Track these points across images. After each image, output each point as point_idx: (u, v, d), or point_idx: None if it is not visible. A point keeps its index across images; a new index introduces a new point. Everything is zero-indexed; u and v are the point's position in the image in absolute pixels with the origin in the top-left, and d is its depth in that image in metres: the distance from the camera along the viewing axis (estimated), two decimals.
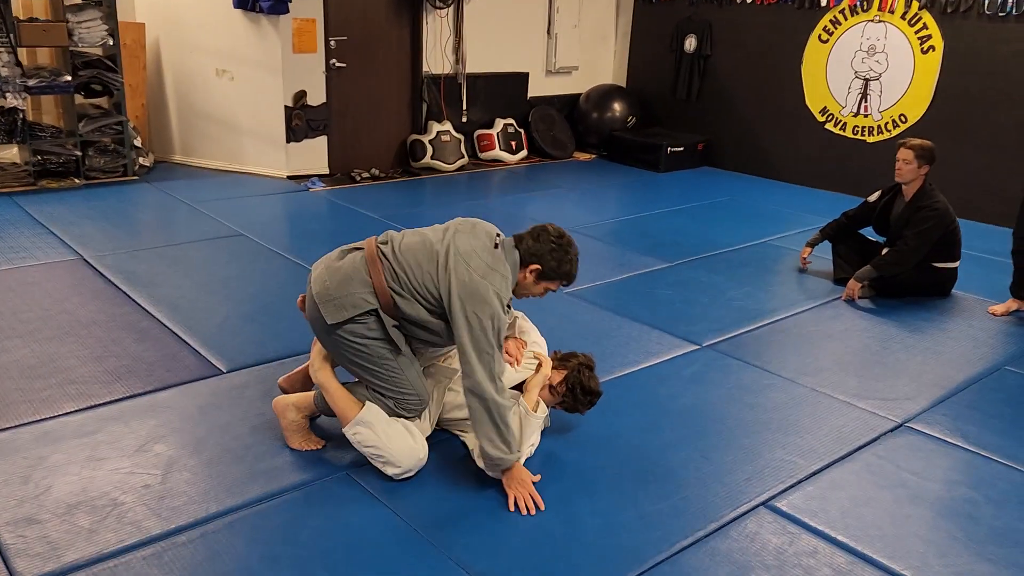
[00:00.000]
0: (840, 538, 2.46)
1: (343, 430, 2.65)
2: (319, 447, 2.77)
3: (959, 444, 3.05)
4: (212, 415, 2.97)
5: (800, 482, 2.75)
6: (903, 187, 4.51)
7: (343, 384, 2.73)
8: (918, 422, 3.20)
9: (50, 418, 2.89)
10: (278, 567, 2.22)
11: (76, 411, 2.94)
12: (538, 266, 2.67)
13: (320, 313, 2.61)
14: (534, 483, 2.59)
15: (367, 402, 2.65)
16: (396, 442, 2.60)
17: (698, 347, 3.80)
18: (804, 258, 4.94)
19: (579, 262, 2.77)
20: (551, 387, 2.84)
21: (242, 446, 2.78)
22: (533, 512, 2.50)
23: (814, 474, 2.80)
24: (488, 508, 2.52)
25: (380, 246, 2.67)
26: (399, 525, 2.42)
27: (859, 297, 4.51)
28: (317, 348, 2.79)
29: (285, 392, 2.99)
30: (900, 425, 3.17)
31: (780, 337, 3.97)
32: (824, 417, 3.20)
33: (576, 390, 2.83)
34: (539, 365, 2.86)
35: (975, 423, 3.21)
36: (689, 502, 2.60)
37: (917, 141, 4.43)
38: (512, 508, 2.51)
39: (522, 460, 2.65)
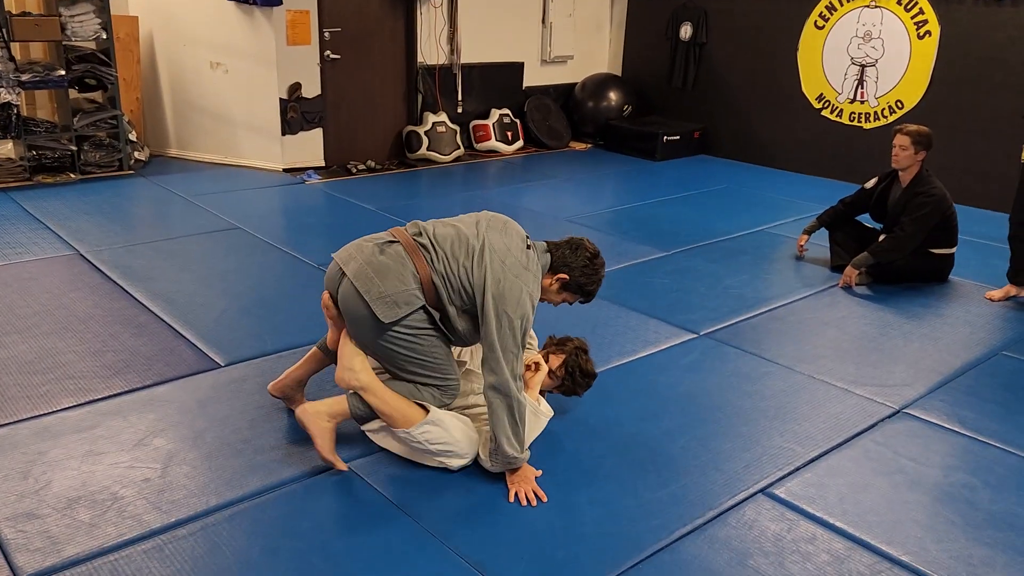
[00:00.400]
0: (838, 524, 2.47)
1: (401, 431, 2.57)
2: (345, 469, 2.62)
3: (957, 429, 3.06)
4: (211, 409, 2.97)
5: (798, 469, 2.76)
6: (900, 173, 4.51)
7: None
8: (916, 408, 3.21)
9: (49, 413, 2.89)
10: (278, 559, 2.23)
11: (75, 406, 2.95)
12: (566, 276, 2.70)
13: (370, 312, 2.51)
14: (535, 478, 2.60)
15: (431, 401, 2.62)
16: (461, 433, 2.61)
17: (696, 335, 3.81)
18: (801, 245, 4.94)
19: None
20: (551, 371, 2.88)
21: (241, 439, 2.78)
22: (535, 504, 2.51)
23: (812, 461, 2.81)
24: (487, 498, 2.53)
25: (416, 238, 2.62)
26: (398, 516, 2.42)
27: (856, 284, 4.52)
28: (350, 351, 2.63)
29: (277, 398, 2.96)
30: (898, 411, 3.18)
31: (777, 325, 3.98)
32: (822, 404, 3.21)
33: (575, 373, 2.89)
34: (536, 364, 2.86)
35: (973, 408, 3.22)
36: (688, 490, 2.61)
37: (914, 127, 4.42)
38: (512, 500, 2.52)
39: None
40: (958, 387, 3.40)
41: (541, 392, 2.89)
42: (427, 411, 2.58)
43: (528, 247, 2.67)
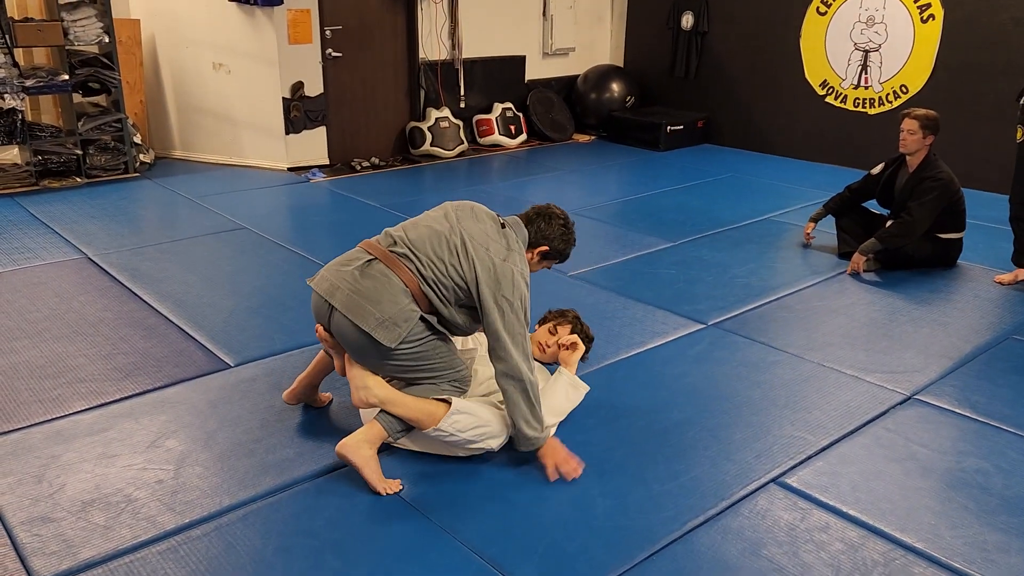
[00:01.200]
0: (851, 512, 2.47)
1: (432, 431, 2.56)
2: (400, 489, 2.55)
3: (968, 415, 3.05)
4: (222, 409, 2.98)
5: (810, 458, 2.76)
6: (907, 158, 4.49)
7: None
8: (926, 394, 3.20)
9: (61, 417, 2.91)
10: (292, 557, 2.24)
11: (87, 409, 2.96)
12: (546, 247, 2.78)
13: (372, 340, 2.48)
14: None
15: (451, 393, 2.64)
16: (488, 413, 2.63)
17: (703, 326, 3.80)
18: (808, 233, 4.93)
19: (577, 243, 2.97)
20: (560, 342, 3.00)
21: (252, 439, 2.79)
22: (577, 474, 2.58)
23: (823, 449, 2.81)
24: (499, 492, 2.54)
25: (391, 249, 2.60)
26: (410, 512, 2.43)
27: (864, 270, 4.50)
28: (359, 371, 2.60)
29: (291, 404, 2.96)
30: (909, 398, 3.17)
31: (785, 313, 3.97)
32: (832, 392, 3.20)
33: (586, 340, 3.06)
34: (573, 345, 2.97)
35: (984, 393, 3.21)
36: (699, 481, 2.61)
37: (922, 111, 4.39)
38: (554, 477, 2.57)
39: (552, 431, 2.73)
40: (969, 372, 3.39)
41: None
42: (449, 403, 2.59)
43: (503, 225, 2.71)
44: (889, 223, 4.54)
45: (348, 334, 2.54)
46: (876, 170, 4.70)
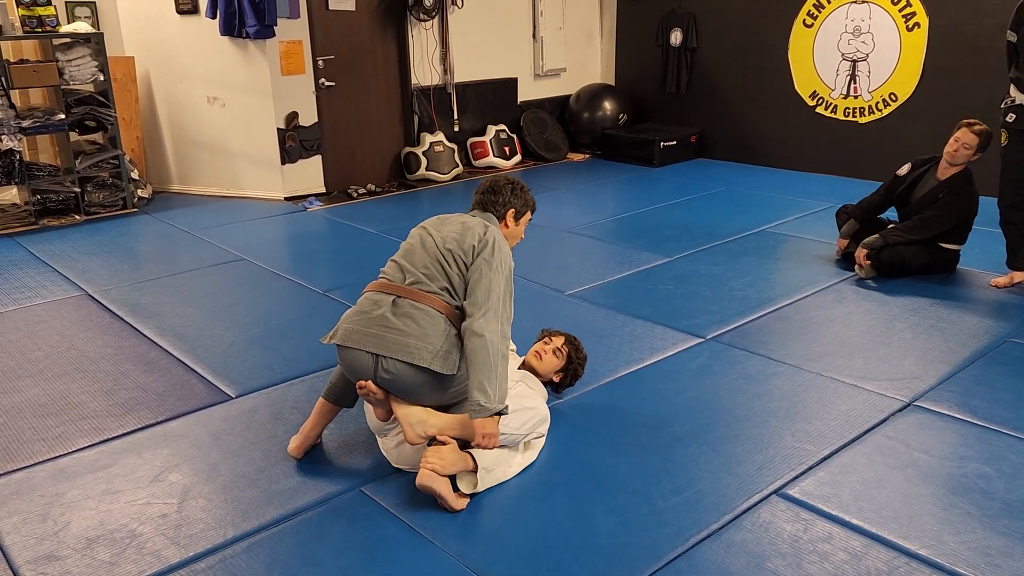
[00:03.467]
0: (854, 521, 2.47)
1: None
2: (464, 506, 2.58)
3: (968, 419, 3.05)
4: (224, 441, 2.99)
5: (811, 468, 2.76)
6: (940, 164, 4.48)
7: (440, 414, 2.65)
8: (926, 400, 3.20)
9: (65, 455, 2.92)
10: None
11: (90, 446, 2.97)
12: (513, 209, 2.94)
13: (433, 375, 2.52)
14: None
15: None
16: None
17: (702, 340, 3.81)
18: (840, 250, 4.85)
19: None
20: (556, 350, 3.08)
21: (255, 470, 2.80)
22: (492, 446, 2.56)
23: (825, 459, 2.81)
24: (502, 514, 2.54)
25: (407, 284, 2.63)
26: (413, 537, 2.44)
27: (864, 275, 4.50)
28: (407, 409, 2.57)
29: (298, 457, 2.89)
30: (908, 404, 3.17)
31: (783, 324, 3.98)
32: (832, 401, 3.21)
33: (579, 349, 3.15)
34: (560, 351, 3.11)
35: (983, 397, 3.21)
36: (702, 495, 2.61)
37: (981, 126, 4.35)
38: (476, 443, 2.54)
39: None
40: (968, 377, 3.39)
41: (551, 381, 3.13)
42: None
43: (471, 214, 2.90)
44: (891, 224, 4.57)
45: (406, 377, 2.52)
46: (903, 170, 4.66)
